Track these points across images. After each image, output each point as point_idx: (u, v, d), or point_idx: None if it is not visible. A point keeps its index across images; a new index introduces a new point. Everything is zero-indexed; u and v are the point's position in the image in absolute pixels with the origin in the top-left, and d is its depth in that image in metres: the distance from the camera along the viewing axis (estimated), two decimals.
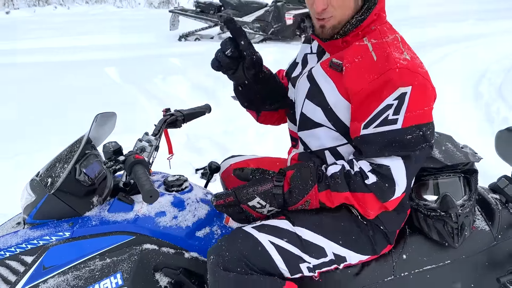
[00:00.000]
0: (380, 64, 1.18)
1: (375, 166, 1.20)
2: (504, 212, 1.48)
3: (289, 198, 1.25)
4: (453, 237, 1.35)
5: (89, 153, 1.45)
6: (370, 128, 1.18)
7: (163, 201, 1.41)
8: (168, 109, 1.64)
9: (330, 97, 1.28)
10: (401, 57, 1.18)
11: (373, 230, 1.32)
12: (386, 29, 1.28)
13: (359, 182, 1.20)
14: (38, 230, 1.36)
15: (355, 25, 1.25)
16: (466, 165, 1.39)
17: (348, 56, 1.24)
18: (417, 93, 1.15)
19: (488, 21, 9.30)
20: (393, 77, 1.15)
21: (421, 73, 1.17)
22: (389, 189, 1.19)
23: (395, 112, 1.15)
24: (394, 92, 1.15)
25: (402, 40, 1.27)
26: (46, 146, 3.37)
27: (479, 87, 5.01)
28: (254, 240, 1.25)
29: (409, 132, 1.15)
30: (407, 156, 1.18)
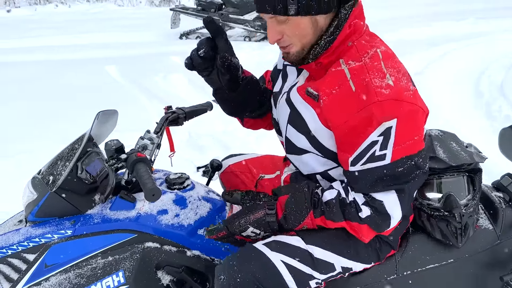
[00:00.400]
0: (360, 95, 1.07)
1: (368, 199, 1.16)
2: (508, 210, 1.47)
3: (284, 224, 1.23)
4: (457, 237, 1.34)
5: (91, 151, 1.44)
6: (358, 165, 1.12)
7: (165, 199, 1.40)
8: (170, 107, 1.63)
9: (312, 125, 1.20)
10: (383, 84, 1.06)
11: (379, 241, 1.31)
12: (364, 42, 1.15)
13: (353, 212, 1.17)
14: (40, 228, 1.35)
15: (325, 47, 1.13)
16: (471, 165, 1.38)
17: (325, 87, 1.14)
18: (404, 124, 1.05)
19: (488, 19, 9.31)
20: (374, 111, 1.04)
21: (407, 99, 1.06)
22: (384, 222, 1.16)
23: (381, 147, 1.07)
24: (378, 128, 1.05)
25: (384, 55, 1.13)
26: (47, 144, 3.37)
27: (479, 86, 5.00)
28: (266, 260, 1.21)
29: (400, 164, 1.08)
30: (401, 189, 1.13)
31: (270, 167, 1.70)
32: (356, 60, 1.12)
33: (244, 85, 1.34)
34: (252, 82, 1.38)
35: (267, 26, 1.16)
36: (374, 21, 1.40)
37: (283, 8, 1.07)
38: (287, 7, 1.06)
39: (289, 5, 1.06)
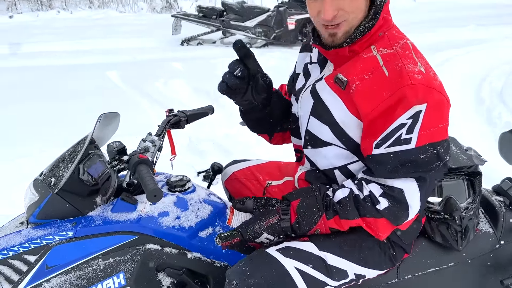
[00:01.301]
0: (393, 80, 1.09)
1: (386, 189, 1.14)
2: (508, 214, 1.47)
3: (297, 229, 1.22)
4: (457, 240, 1.34)
5: (93, 153, 1.44)
6: (382, 148, 1.12)
7: (166, 201, 1.41)
8: (171, 110, 1.64)
9: (338, 114, 1.20)
10: (415, 69, 1.10)
11: (392, 247, 1.30)
12: (395, 33, 1.19)
13: (369, 207, 1.15)
14: (41, 230, 1.35)
15: (363, 32, 1.14)
16: (470, 168, 1.38)
17: (357, 72, 1.15)
18: (432, 110, 1.07)
19: (489, 26, 9.34)
20: (407, 94, 1.06)
21: (436, 87, 1.09)
22: (403, 213, 1.15)
23: (408, 131, 1.08)
24: (409, 111, 1.07)
25: (414, 47, 1.18)
26: (48, 148, 3.38)
27: (480, 93, 5.01)
28: (280, 266, 1.19)
29: (423, 151, 1.09)
30: (422, 178, 1.12)
31: (277, 173, 1.69)
32: (388, 48, 1.15)
33: (275, 99, 1.41)
34: (278, 95, 1.45)
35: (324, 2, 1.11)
36: None
37: None
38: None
39: None
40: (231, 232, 1.26)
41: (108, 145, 1.39)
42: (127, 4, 16.06)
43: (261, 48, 8.44)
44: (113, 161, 1.35)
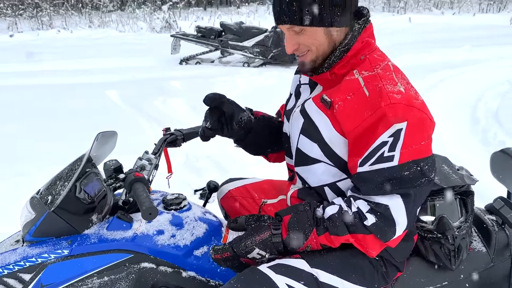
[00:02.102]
0: (373, 100, 1.14)
1: (373, 205, 1.17)
2: (501, 233, 1.48)
3: (289, 244, 1.22)
4: (450, 259, 1.35)
5: (90, 171, 1.46)
6: (366, 165, 1.16)
7: (161, 219, 1.42)
8: (168, 129, 1.67)
9: (326, 133, 1.25)
10: (395, 89, 1.14)
11: (385, 264, 1.31)
12: (376, 56, 1.24)
13: (358, 224, 1.17)
14: (36, 248, 1.36)
15: (340, 56, 1.21)
16: (462, 187, 1.40)
17: (340, 93, 1.21)
18: (413, 128, 1.11)
19: (484, 47, 9.44)
20: (387, 113, 1.11)
21: (416, 105, 1.13)
22: (390, 229, 1.16)
23: (390, 149, 1.12)
24: (389, 129, 1.11)
25: (395, 68, 1.23)
26: (46, 167, 3.39)
27: (476, 113, 5.06)
28: (271, 283, 1.20)
29: (406, 168, 1.12)
30: (407, 194, 1.14)
31: (272, 192, 1.71)
32: (369, 70, 1.20)
33: (256, 125, 1.48)
34: (264, 120, 1.53)
35: (285, 37, 1.25)
36: None
37: (299, 18, 1.16)
38: (302, 17, 1.16)
39: (304, 16, 1.15)
40: (223, 246, 1.27)
41: (105, 164, 1.40)
42: (127, 24, 16.28)
43: (259, 68, 8.53)
44: (109, 179, 1.36)
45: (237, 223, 1.33)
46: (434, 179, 1.18)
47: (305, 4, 1.14)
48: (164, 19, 15.63)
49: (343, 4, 1.16)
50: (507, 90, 5.98)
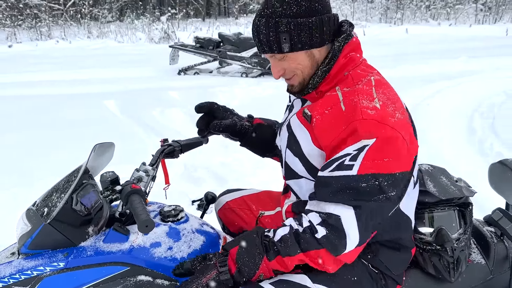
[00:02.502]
0: (348, 114, 1.14)
1: (324, 216, 1.15)
2: (499, 245, 1.48)
3: (239, 277, 1.19)
4: (449, 272, 1.34)
5: (86, 182, 1.45)
6: (326, 171, 1.16)
7: (158, 231, 1.40)
8: (166, 140, 1.66)
9: (305, 148, 1.26)
10: (370, 105, 1.13)
11: (384, 277, 1.31)
12: (360, 71, 1.24)
13: (309, 239, 1.15)
14: (32, 261, 1.34)
15: (322, 76, 1.24)
16: (461, 199, 1.40)
17: (319, 107, 1.23)
18: (381, 145, 1.09)
19: (480, 58, 9.51)
20: (357, 128, 1.10)
21: (390, 123, 1.10)
22: (340, 241, 1.13)
23: (352, 159, 1.11)
24: (357, 143, 1.10)
25: (378, 83, 1.21)
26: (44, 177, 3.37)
27: (472, 123, 5.08)
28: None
29: (364, 180, 1.09)
30: (358, 206, 1.12)
31: (270, 204, 1.71)
32: (350, 86, 1.21)
33: (253, 132, 1.60)
34: (260, 127, 1.62)
35: (271, 65, 1.30)
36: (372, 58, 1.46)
37: (278, 47, 1.19)
38: (281, 45, 1.19)
39: (283, 44, 1.18)
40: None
41: (101, 175, 1.39)
42: (126, 34, 16.37)
43: (257, 78, 8.56)
44: (105, 191, 1.35)
45: (183, 268, 1.30)
46: (395, 198, 1.14)
47: (281, 33, 1.17)
48: (162, 30, 15.73)
49: (320, 26, 1.18)
50: (503, 101, 6.01)
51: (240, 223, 1.70)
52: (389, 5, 20.74)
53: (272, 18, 1.17)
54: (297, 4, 1.16)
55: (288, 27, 1.16)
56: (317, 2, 1.18)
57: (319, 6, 1.18)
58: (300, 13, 1.16)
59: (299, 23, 1.16)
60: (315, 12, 1.17)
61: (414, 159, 1.20)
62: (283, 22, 1.16)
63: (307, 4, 1.17)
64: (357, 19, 19.71)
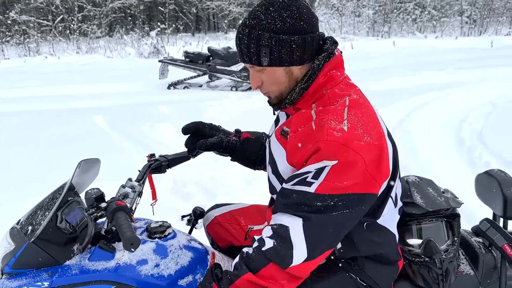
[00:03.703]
0: (316, 133, 1.15)
1: (275, 227, 1.15)
2: (488, 255, 1.48)
3: None
4: (438, 284, 1.34)
5: (72, 200, 1.43)
6: (289, 184, 1.16)
7: (145, 248, 1.38)
8: (153, 155, 1.65)
9: (281, 165, 1.27)
10: (337, 127, 1.12)
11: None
12: (338, 91, 1.23)
13: (256, 256, 1.15)
14: (16, 280, 1.31)
15: (300, 93, 1.24)
16: (448, 210, 1.40)
17: (293, 124, 1.24)
18: (342, 168, 1.08)
19: (466, 70, 9.65)
20: (321, 147, 1.10)
21: (355, 147, 1.09)
22: (286, 252, 1.12)
23: (313, 177, 1.11)
24: (318, 163, 1.10)
25: (352, 104, 1.19)
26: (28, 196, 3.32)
27: (460, 133, 5.13)
28: None
29: (320, 199, 1.10)
30: (308, 217, 1.11)
31: (259, 218, 1.69)
32: (325, 105, 1.21)
33: (241, 147, 1.62)
34: (248, 141, 1.64)
35: (249, 74, 1.30)
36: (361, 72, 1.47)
37: (257, 60, 1.20)
38: (261, 59, 1.19)
39: (262, 57, 1.18)
40: None
41: (86, 192, 1.38)
42: (115, 49, 16.38)
43: (246, 91, 8.60)
44: (90, 208, 1.33)
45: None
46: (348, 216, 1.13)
47: (262, 46, 1.17)
48: (152, 45, 15.78)
49: (302, 45, 1.18)
50: (490, 111, 6.09)
51: (229, 238, 1.68)
52: (376, 19, 21.07)
53: (255, 30, 1.17)
54: (282, 20, 1.15)
55: (269, 42, 1.16)
56: (303, 21, 1.17)
57: (304, 25, 1.17)
58: (284, 29, 1.16)
59: (281, 39, 1.16)
60: (299, 31, 1.17)
61: (390, 182, 1.20)
62: (265, 36, 1.16)
63: (292, 22, 1.16)
64: (345, 32, 19.96)
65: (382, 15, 20.76)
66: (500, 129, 5.17)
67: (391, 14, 20.65)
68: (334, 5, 21.67)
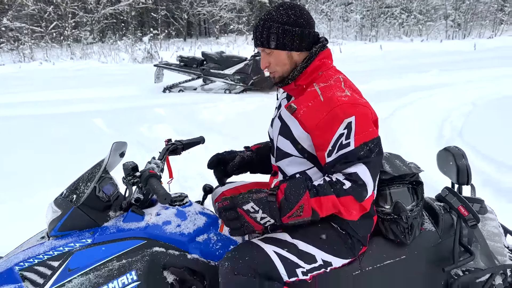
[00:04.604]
0: (327, 104, 1.50)
1: (347, 175, 1.48)
2: (446, 216, 1.82)
3: (285, 204, 1.45)
4: (405, 235, 1.67)
5: (104, 176, 1.74)
6: (333, 155, 1.50)
7: (168, 213, 1.70)
8: (170, 140, 1.97)
9: (295, 131, 1.61)
10: (343, 94, 1.51)
11: (350, 238, 1.62)
12: (331, 73, 1.63)
13: (339, 187, 1.45)
14: (63, 240, 1.61)
15: (300, 71, 1.61)
16: (413, 177, 1.73)
17: (303, 101, 1.58)
18: (360, 120, 1.47)
19: (450, 71, 10.03)
20: (338, 112, 1.47)
21: (360, 103, 1.51)
22: (363, 189, 1.46)
23: (346, 137, 1.47)
24: (342, 123, 1.46)
25: (344, 80, 1.61)
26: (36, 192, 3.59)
27: (442, 131, 5.47)
28: (261, 250, 1.52)
29: (360, 149, 1.46)
30: (367, 162, 1.47)
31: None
32: (325, 82, 1.59)
33: (256, 156, 2.02)
34: (260, 150, 2.04)
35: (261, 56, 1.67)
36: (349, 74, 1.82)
37: (267, 43, 1.59)
38: (270, 42, 1.59)
39: (271, 41, 1.59)
40: (224, 198, 1.52)
41: (124, 164, 1.68)
42: (109, 55, 16.55)
43: (240, 94, 8.90)
44: (128, 177, 1.64)
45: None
46: (381, 153, 1.52)
47: (271, 33, 1.57)
48: (145, 50, 16.00)
49: (300, 35, 1.58)
50: (470, 110, 6.44)
51: None
52: (364, 23, 21.52)
53: (267, 22, 1.57)
54: (288, 16, 1.56)
55: (277, 30, 1.56)
56: (303, 19, 1.58)
57: (303, 22, 1.58)
58: (288, 22, 1.56)
59: (285, 29, 1.56)
60: (299, 25, 1.57)
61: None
62: (274, 26, 1.56)
63: (295, 18, 1.57)
64: (334, 37, 20.33)
65: (369, 19, 21.23)
66: (478, 126, 5.53)
67: (378, 18, 21.13)
68: (323, 10, 22.11)
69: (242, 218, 1.48)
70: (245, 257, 1.48)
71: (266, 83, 8.80)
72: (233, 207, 1.49)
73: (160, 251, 1.61)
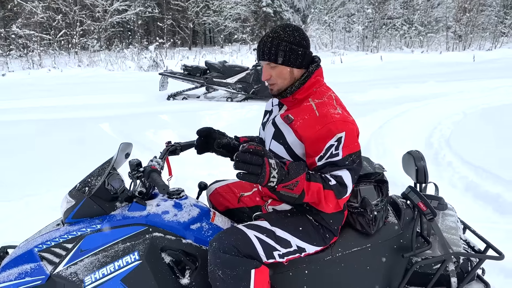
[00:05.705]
0: (322, 119, 1.73)
1: (333, 176, 1.70)
2: (407, 210, 2.08)
3: (287, 174, 1.62)
4: (370, 226, 1.93)
5: (112, 172, 2.02)
6: (323, 160, 1.72)
7: (167, 204, 1.97)
8: (170, 142, 2.25)
9: (289, 138, 1.83)
10: (335, 112, 1.75)
11: (323, 228, 1.88)
12: (323, 89, 1.87)
13: (326, 181, 1.68)
14: (76, 225, 1.89)
15: (298, 86, 1.83)
16: (378, 176, 2.00)
17: (300, 114, 1.80)
18: (349, 135, 1.71)
19: (446, 82, 10.26)
20: (331, 127, 1.70)
21: (349, 121, 1.75)
22: (343, 190, 1.70)
23: (336, 149, 1.70)
24: (334, 137, 1.69)
25: (336, 98, 1.87)
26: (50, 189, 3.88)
27: (430, 138, 5.72)
28: (244, 234, 1.77)
29: (346, 159, 1.71)
30: (350, 169, 1.71)
31: (248, 187, 2.29)
32: (319, 99, 1.83)
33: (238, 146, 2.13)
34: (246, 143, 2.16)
35: (262, 69, 1.86)
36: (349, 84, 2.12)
37: (275, 58, 1.80)
38: (277, 58, 1.79)
39: (279, 57, 1.79)
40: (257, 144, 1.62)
41: (130, 161, 1.97)
42: (115, 63, 16.87)
43: (241, 102, 9.19)
44: (133, 171, 1.92)
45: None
46: (360, 164, 1.77)
47: (280, 50, 1.78)
48: (151, 58, 16.31)
49: (303, 55, 1.80)
50: (460, 119, 6.69)
51: (226, 203, 2.28)
52: (366, 34, 21.83)
53: (276, 39, 1.78)
54: (293, 36, 1.78)
55: (285, 48, 1.77)
56: (304, 40, 1.82)
57: (305, 43, 1.82)
58: (294, 42, 1.78)
59: (292, 48, 1.78)
60: (302, 45, 1.80)
61: None
62: (283, 44, 1.77)
63: (299, 39, 1.79)
64: (336, 47, 20.63)
65: (371, 30, 21.54)
66: (466, 134, 5.78)
67: (380, 29, 21.43)
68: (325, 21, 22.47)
69: (264, 167, 1.57)
70: (230, 238, 1.74)
71: (266, 92, 9.06)
72: (262, 155, 1.58)
73: (159, 236, 1.88)
